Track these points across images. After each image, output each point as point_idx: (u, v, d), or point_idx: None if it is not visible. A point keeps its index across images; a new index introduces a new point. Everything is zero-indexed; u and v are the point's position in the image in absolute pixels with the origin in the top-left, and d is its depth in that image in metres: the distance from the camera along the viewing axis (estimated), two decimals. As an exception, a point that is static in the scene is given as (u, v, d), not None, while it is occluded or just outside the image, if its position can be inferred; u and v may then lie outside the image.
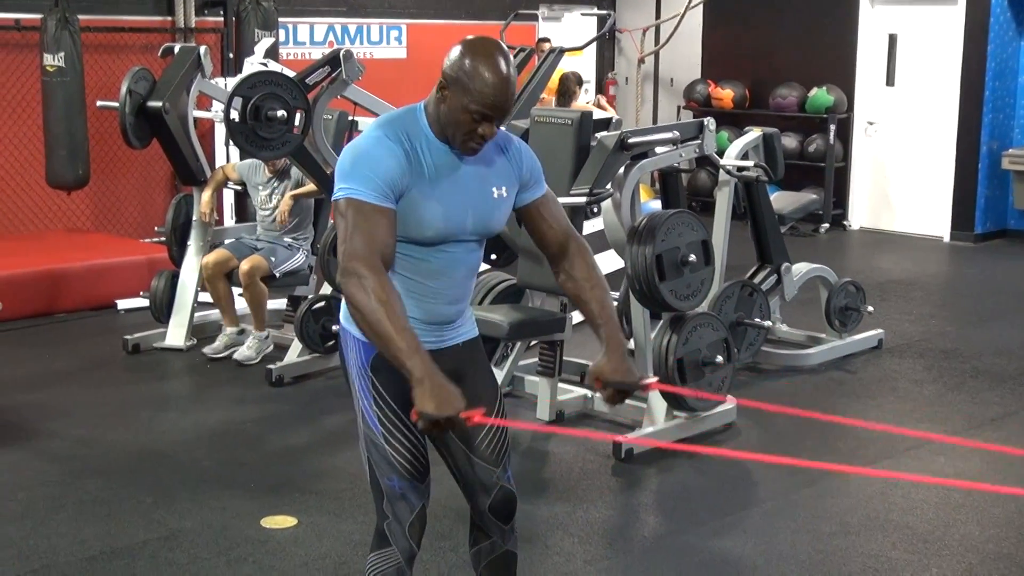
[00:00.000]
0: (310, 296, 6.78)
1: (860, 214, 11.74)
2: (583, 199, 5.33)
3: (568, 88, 9.21)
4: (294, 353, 6.60)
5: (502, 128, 3.08)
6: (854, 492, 5.07)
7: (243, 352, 6.80)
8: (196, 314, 7.18)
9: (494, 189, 3.06)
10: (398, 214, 2.93)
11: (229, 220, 9.03)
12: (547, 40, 9.65)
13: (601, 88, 12.99)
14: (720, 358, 5.64)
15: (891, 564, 4.37)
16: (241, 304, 6.92)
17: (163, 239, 7.47)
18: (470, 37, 2.97)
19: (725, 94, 12.04)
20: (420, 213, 2.95)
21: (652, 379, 3.21)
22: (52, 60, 8.51)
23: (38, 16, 8.57)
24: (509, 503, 3.24)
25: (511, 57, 2.94)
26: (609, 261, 7.65)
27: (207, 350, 6.92)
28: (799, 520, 4.77)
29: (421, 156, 2.95)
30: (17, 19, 8.75)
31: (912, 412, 6.15)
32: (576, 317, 6.20)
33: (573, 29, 12.32)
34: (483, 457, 3.18)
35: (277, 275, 6.74)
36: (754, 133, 6.73)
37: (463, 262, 3.11)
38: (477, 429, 3.11)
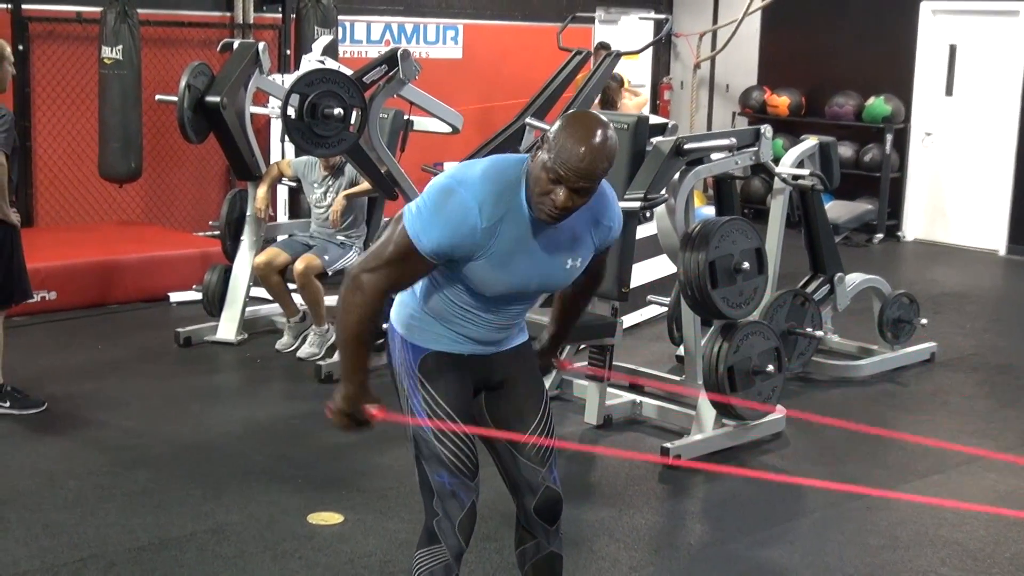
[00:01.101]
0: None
1: (915, 225, 11.63)
2: (637, 204, 5.33)
3: (607, 97, 9.13)
4: (343, 350, 6.62)
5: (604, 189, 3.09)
6: (903, 506, 5.02)
7: (306, 349, 6.84)
8: (248, 309, 7.23)
9: (568, 261, 3.06)
10: (463, 269, 2.96)
11: (283, 216, 9.10)
12: (605, 45, 9.63)
13: (656, 92, 12.96)
14: (771, 367, 5.61)
15: (940, 580, 4.34)
16: (298, 297, 6.96)
17: (217, 233, 7.52)
18: (579, 111, 3.00)
19: (781, 101, 11.98)
20: (484, 277, 2.97)
21: (565, 360, 3.56)
22: (110, 53, 8.57)
23: (98, 9, 8.64)
24: (555, 504, 3.25)
25: (613, 138, 2.89)
26: (661, 266, 7.64)
27: (278, 346, 6.98)
28: (847, 532, 4.74)
29: (502, 228, 2.92)
30: (78, 11, 8.84)
31: (964, 427, 6.09)
32: (627, 322, 6.21)
33: (630, 32, 12.30)
34: (529, 458, 3.19)
35: (330, 273, 6.76)
36: (810, 141, 6.70)
37: (520, 310, 3.17)
38: (524, 425, 3.21)
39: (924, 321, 7.23)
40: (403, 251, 2.90)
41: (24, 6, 8.65)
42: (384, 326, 3.26)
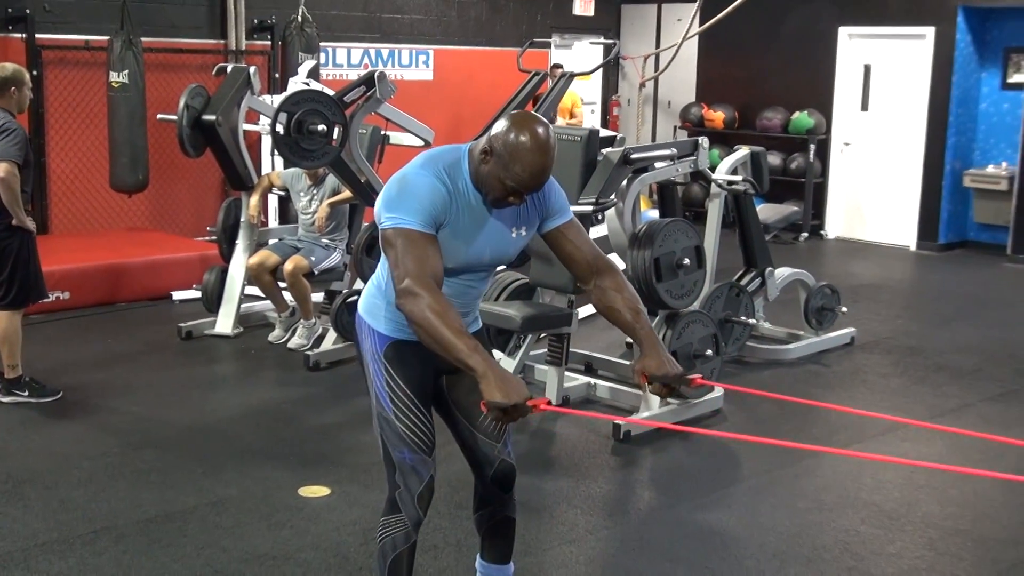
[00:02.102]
0: (344, 291, 6.80)
1: (836, 225, 11.71)
2: (589, 207, 5.34)
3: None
4: (329, 341, 6.62)
5: None
6: (828, 472, 5.07)
7: (295, 340, 6.82)
8: (243, 305, 7.19)
9: (514, 230, 3.05)
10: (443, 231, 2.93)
11: (273, 222, 9.05)
12: (560, 66, 9.64)
13: (606, 108, 12.99)
14: (710, 351, 5.65)
15: (860, 538, 4.37)
16: (288, 294, 6.94)
17: (214, 238, 7.49)
18: (520, 114, 2.91)
19: (717, 116, 12.02)
20: (445, 247, 2.93)
21: (696, 375, 3.16)
22: (117, 77, 8.53)
23: (105, 38, 8.58)
24: (509, 475, 3.25)
25: (553, 139, 2.87)
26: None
27: (271, 338, 6.95)
28: (778, 497, 4.77)
29: (458, 198, 2.92)
30: (87, 40, 8.77)
31: (880, 402, 6.14)
32: (582, 312, 6.22)
33: (582, 56, 12.33)
34: (485, 433, 3.20)
35: (316, 272, 6.75)
36: (742, 151, 6.72)
37: (476, 286, 3.14)
38: (481, 409, 3.03)
39: (844, 309, 7.28)
40: (408, 241, 2.82)
41: (38, 35, 8.57)
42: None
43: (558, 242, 3.13)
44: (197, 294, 7.49)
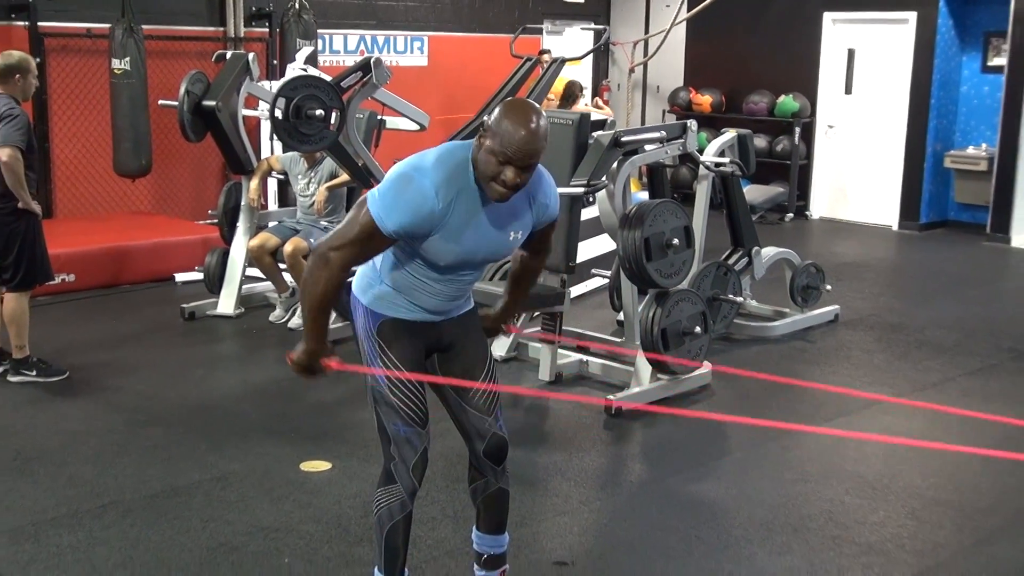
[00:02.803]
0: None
1: (820, 205, 11.72)
2: (581, 189, 5.34)
3: (572, 93, 9.19)
4: (328, 322, 6.61)
5: (541, 172, 3.09)
6: (812, 445, 5.09)
7: (295, 320, 6.82)
8: (244, 286, 7.19)
9: (512, 233, 3.07)
10: (420, 243, 2.95)
11: (273, 205, 9.04)
12: (547, 51, 9.61)
13: (596, 93, 12.96)
14: (698, 329, 5.66)
15: (844, 508, 4.40)
16: (288, 275, 6.94)
17: (215, 221, 7.48)
18: (511, 99, 2.98)
19: (704, 100, 12.01)
20: (438, 249, 2.96)
21: (514, 326, 3.50)
22: (119, 64, 8.50)
23: (107, 25, 8.55)
24: (501, 448, 3.26)
25: (545, 120, 2.91)
26: (603, 244, 7.66)
27: (271, 318, 6.96)
28: (765, 469, 4.79)
29: (455, 206, 2.91)
30: (89, 28, 8.73)
31: (864, 377, 6.17)
32: (574, 292, 6.23)
33: (573, 42, 12.29)
34: (477, 408, 3.21)
35: (314, 253, 6.73)
36: (729, 134, 6.72)
37: (468, 279, 3.16)
38: (471, 380, 3.20)
39: (829, 287, 7.30)
40: (367, 232, 2.90)
41: (40, 23, 8.53)
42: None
43: (534, 236, 3.21)
44: (199, 276, 7.50)
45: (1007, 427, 5.38)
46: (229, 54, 7.35)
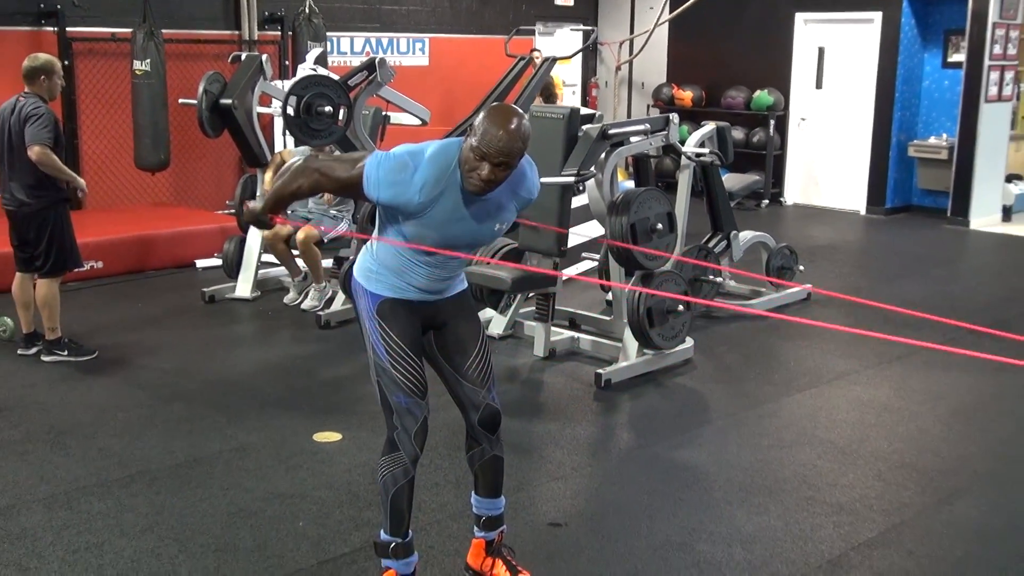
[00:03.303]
0: (351, 257, 6.78)
1: (793, 192, 11.71)
2: (571, 178, 5.32)
3: (549, 92, 9.12)
4: (339, 303, 6.61)
5: (526, 167, 3.10)
6: (787, 413, 5.10)
7: (308, 302, 6.82)
8: (260, 271, 7.18)
9: (495, 225, 3.09)
10: (407, 226, 2.98)
11: (285, 196, 9.01)
12: (537, 50, 9.56)
13: (585, 89, 12.93)
14: (681, 307, 5.65)
15: (816, 471, 4.40)
16: (300, 261, 6.93)
17: (233, 211, 7.46)
18: (499, 104, 2.98)
19: (686, 95, 11.98)
20: (422, 234, 2.98)
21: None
22: (140, 65, 8.47)
23: (129, 30, 8.52)
24: (494, 417, 3.26)
25: (526, 122, 2.92)
26: (592, 229, 7.64)
27: (286, 300, 6.95)
28: (743, 436, 4.80)
29: (441, 199, 2.95)
30: (113, 32, 8.69)
31: (834, 351, 6.17)
32: (566, 274, 6.22)
33: (563, 42, 12.24)
34: (472, 381, 3.21)
35: (325, 240, 6.73)
36: (709, 126, 6.70)
37: (456, 262, 3.15)
38: (465, 355, 3.18)
39: (802, 268, 7.30)
40: (351, 182, 3.02)
41: (68, 28, 8.49)
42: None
43: None
44: (218, 262, 7.48)
45: (964, 395, 5.40)
46: (244, 55, 7.32)
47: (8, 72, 7.01)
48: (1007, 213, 10.61)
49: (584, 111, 6.29)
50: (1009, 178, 10.79)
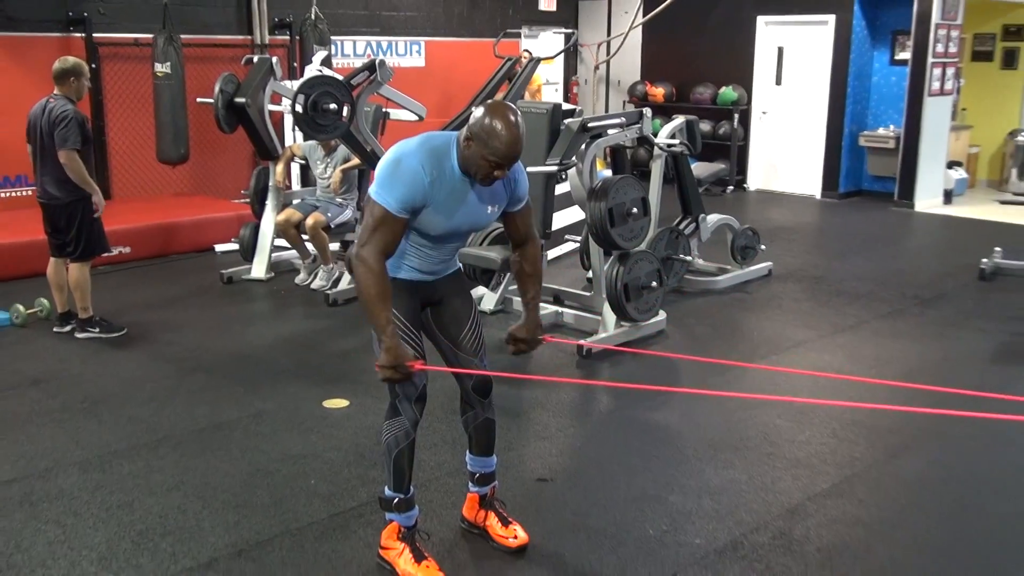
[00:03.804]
0: (356, 240, 6.76)
1: (756, 179, 11.71)
2: (555, 167, 5.31)
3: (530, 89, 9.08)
4: (345, 282, 6.60)
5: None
6: (750, 379, 5.11)
7: (317, 282, 6.81)
8: (273, 254, 7.16)
9: (489, 207, 3.05)
10: (415, 216, 2.92)
11: (296, 185, 8.97)
12: (528, 51, 9.52)
13: (567, 87, 12.88)
14: (654, 283, 5.66)
15: (777, 429, 4.42)
16: (310, 244, 6.91)
17: (248, 200, 7.43)
18: (491, 103, 2.89)
19: (658, 91, 11.95)
20: (430, 220, 2.94)
21: (547, 335, 3.31)
22: (161, 68, 8.41)
23: (151, 35, 8.45)
24: (486, 384, 3.26)
25: (521, 118, 2.87)
26: (574, 214, 7.64)
27: (297, 280, 6.93)
28: (711, 399, 4.78)
29: (442, 184, 2.90)
30: (136, 38, 8.62)
31: (792, 321, 6.18)
32: (550, 255, 6.21)
33: (547, 43, 12.18)
34: (465, 350, 3.21)
35: (332, 226, 6.71)
36: (679, 119, 6.69)
37: (455, 246, 3.14)
38: (460, 328, 3.18)
39: (763, 247, 7.31)
40: (380, 218, 2.86)
41: (95, 34, 8.41)
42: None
43: (508, 222, 3.18)
44: (235, 246, 7.46)
45: (910, 360, 5.42)
46: (256, 58, 7.27)
47: (40, 74, 6.95)
48: (948, 196, 10.63)
49: (566, 106, 6.28)
50: (950, 165, 10.81)
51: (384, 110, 7.10)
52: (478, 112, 2.87)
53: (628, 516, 3.59)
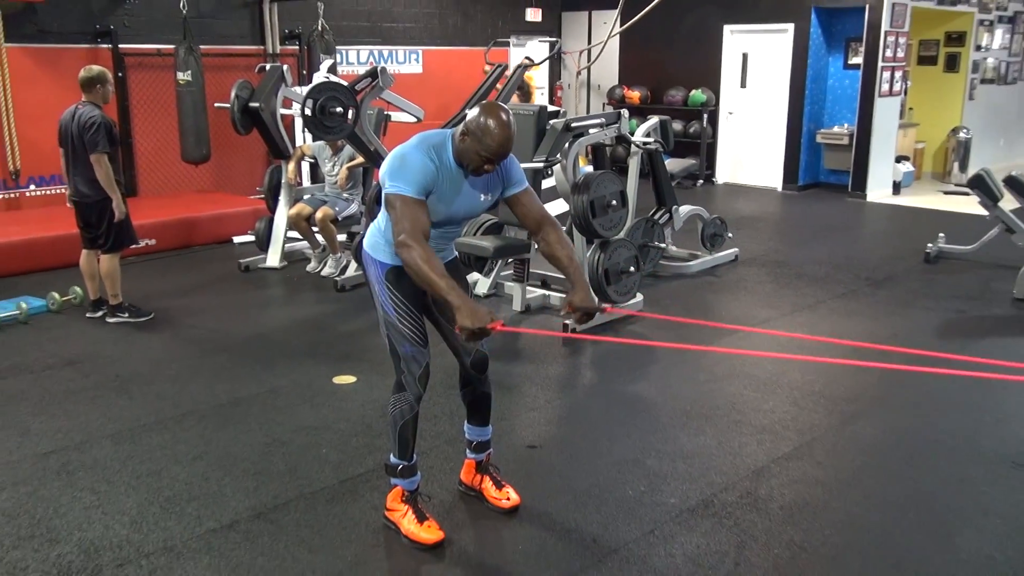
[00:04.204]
0: (361, 232, 6.73)
1: (723, 173, 11.69)
2: (541, 164, 5.29)
3: (526, 91, 9.04)
4: (352, 270, 6.58)
5: None
6: (719, 353, 5.11)
7: (327, 270, 6.78)
8: (286, 245, 7.12)
9: (483, 195, 3.01)
10: (428, 202, 2.88)
11: (306, 182, 8.92)
12: (529, 59, 9.44)
13: (552, 90, 12.83)
14: (632, 268, 5.65)
15: (743, 399, 4.43)
16: (319, 236, 6.88)
17: (262, 195, 7.39)
18: (487, 104, 2.87)
19: (634, 94, 11.90)
20: (433, 208, 2.90)
21: (607, 305, 3.22)
22: (183, 76, 8.34)
23: (172, 46, 8.38)
24: (483, 361, 3.25)
25: (512, 119, 2.85)
26: (559, 206, 7.62)
27: (308, 268, 6.90)
28: (684, 372, 4.81)
29: (442, 171, 2.88)
30: (159, 48, 8.54)
31: (757, 302, 6.19)
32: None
33: (534, 51, 12.12)
34: None
35: (339, 219, 6.68)
36: (654, 120, 6.67)
37: (451, 234, 3.11)
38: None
39: (731, 235, 7.31)
40: (404, 204, 2.80)
41: (121, 45, 8.33)
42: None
43: (515, 204, 3.09)
44: (251, 238, 7.42)
45: (863, 335, 5.43)
46: (268, 66, 7.20)
47: (69, 83, 6.88)
48: (896, 188, 10.64)
49: (551, 108, 6.24)
50: (898, 159, 10.82)
51: (385, 113, 7.06)
52: (475, 111, 2.86)
53: (610, 478, 3.60)
